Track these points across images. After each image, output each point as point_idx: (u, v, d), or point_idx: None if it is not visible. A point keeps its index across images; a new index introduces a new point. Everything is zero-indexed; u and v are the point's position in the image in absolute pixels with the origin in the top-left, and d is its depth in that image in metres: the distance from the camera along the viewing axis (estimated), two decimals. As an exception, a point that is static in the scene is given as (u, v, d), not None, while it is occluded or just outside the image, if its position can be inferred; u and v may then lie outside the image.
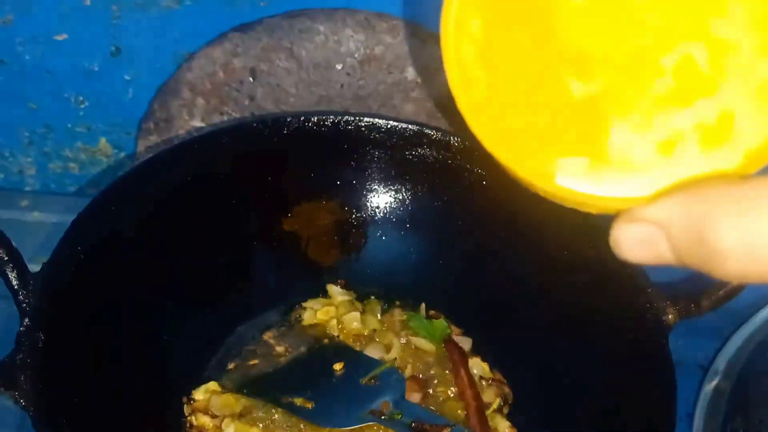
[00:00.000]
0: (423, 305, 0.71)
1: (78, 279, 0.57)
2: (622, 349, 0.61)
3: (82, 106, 0.86)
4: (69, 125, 0.88)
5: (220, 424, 0.61)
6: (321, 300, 0.71)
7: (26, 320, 0.52)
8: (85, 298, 0.57)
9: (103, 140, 0.89)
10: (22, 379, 0.50)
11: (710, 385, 0.93)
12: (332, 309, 0.70)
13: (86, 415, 0.52)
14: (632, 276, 0.63)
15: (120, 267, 0.60)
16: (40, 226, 0.79)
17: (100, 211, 0.60)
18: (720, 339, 0.94)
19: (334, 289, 0.72)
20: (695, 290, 0.61)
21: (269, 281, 0.70)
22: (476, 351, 0.69)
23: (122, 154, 0.90)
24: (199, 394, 0.63)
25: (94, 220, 0.60)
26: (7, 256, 0.53)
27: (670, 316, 0.60)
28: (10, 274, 0.53)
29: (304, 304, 0.70)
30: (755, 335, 0.92)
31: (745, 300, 0.88)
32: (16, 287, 0.53)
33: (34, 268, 0.55)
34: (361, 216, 0.73)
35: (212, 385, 0.63)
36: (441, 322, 0.69)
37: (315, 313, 0.70)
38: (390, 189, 0.73)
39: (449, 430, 0.58)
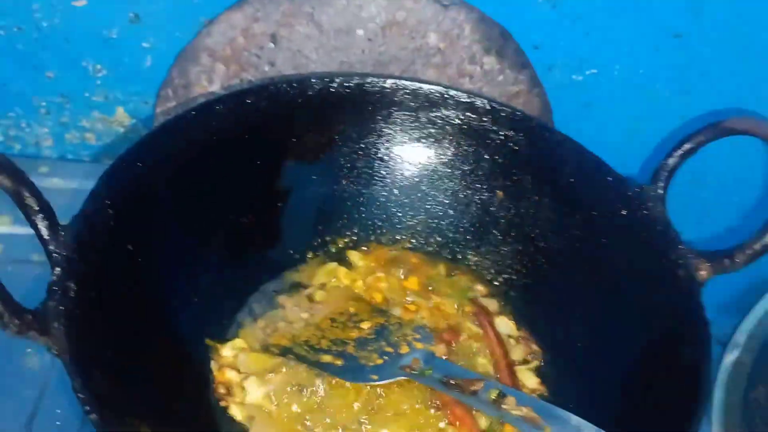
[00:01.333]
0: (442, 265, 0.70)
1: (107, 232, 0.56)
2: (653, 306, 0.61)
3: (99, 75, 0.85)
4: (86, 94, 0.87)
5: (247, 381, 0.60)
6: (345, 264, 0.70)
7: (57, 270, 0.51)
8: (115, 251, 0.57)
9: (120, 110, 0.89)
10: (55, 326, 0.49)
11: (730, 358, 0.93)
12: (357, 272, 0.69)
13: (116, 363, 0.52)
14: (664, 233, 0.62)
15: (148, 221, 0.60)
16: (59, 193, 0.78)
17: (129, 166, 0.60)
18: (739, 315, 0.94)
19: (355, 255, 0.71)
20: (730, 247, 0.61)
21: (291, 240, 0.69)
22: (503, 312, 0.68)
23: (139, 124, 0.89)
24: (227, 350, 0.62)
25: (122, 174, 0.59)
26: (37, 206, 0.52)
27: (703, 272, 0.59)
28: (40, 224, 0.52)
29: (328, 267, 0.69)
30: (774, 308, 0.91)
31: (763, 276, 0.88)
32: (46, 237, 0.52)
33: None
34: (386, 176, 0.72)
35: (239, 342, 0.63)
36: (463, 280, 0.68)
37: (340, 276, 0.69)
38: (414, 150, 0.72)
39: (481, 383, 0.58)
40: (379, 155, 0.72)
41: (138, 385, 0.53)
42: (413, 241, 0.73)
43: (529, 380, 0.64)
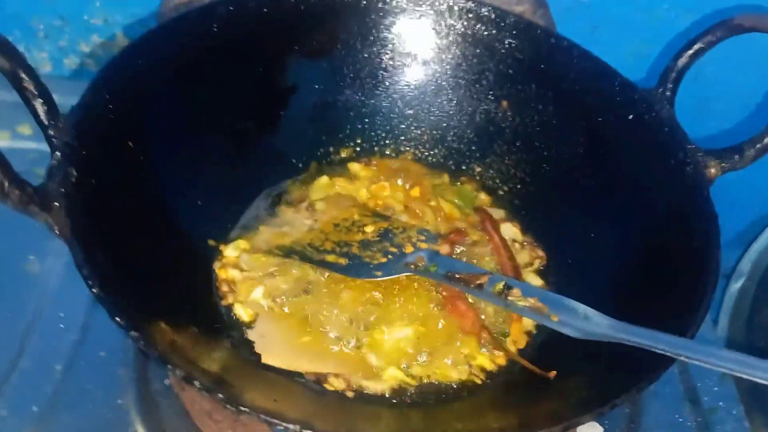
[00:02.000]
0: (446, 175, 0.69)
1: (106, 123, 0.56)
2: (662, 205, 0.60)
3: (98, -4, 0.84)
4: (85, 17, 0.86)
5: (249, 279, 0.59)
6: (347, 176, 0.70)
7: (57, 154, 0.51)
8: (114, 143, 0.56)
9: (120, 34, 0.87)
10: (56, 206, 0.48)
11: (735, 286, 0.93)
12: (360, 182, 0.68)
13: (117, 247, 0.51)
14: (672, 133, 0.62)
15: (148, 117, 0.59)
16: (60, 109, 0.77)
17: (128, 61, 0.59)
18: (741, 247, 0.93)
19: (356, 167, 0.70)
20: (739, 144, 0.60)
21: (294, 148, 0.69)
22: (509, 219, 0.68)
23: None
24: (230, 251, 0.61)
25: (121, 69, 0.58)
26: (36, 90, 0.51)
27: (712, 169, 0.59)
28: (39, 108, 0.51)
29: (321, 181, 0.69)
30: (777, 239, 0.91)
31: (764, 211, 0.88)
32: (45, 122, 0.52)
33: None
34: (390, 86, 0.71)
35: (242, 243, 0.62)
36: (468, 188, 0.67)
37: (343, 185, 0.68)
38: (419, 60, 0.71)
39: (486, 277, 0.57)
40: (383, 65, 0.71)
41: (139, 273, 0.52)
42: (417, 152, 0.72)
43: (534, 281, 0.63)
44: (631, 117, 0.63)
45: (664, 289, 0.55)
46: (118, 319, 0.44)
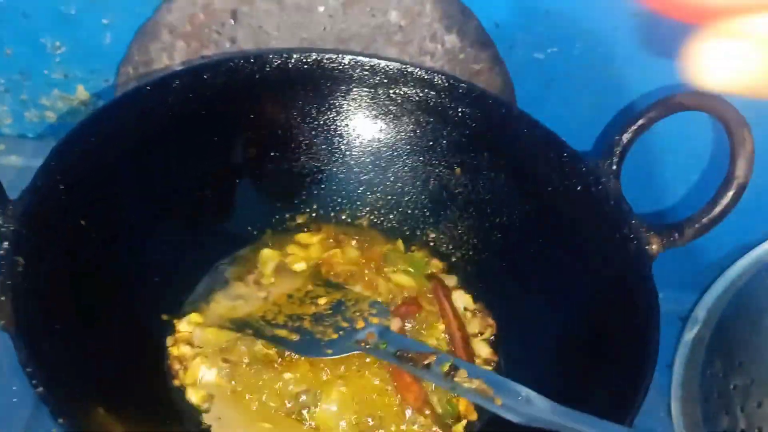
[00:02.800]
0: (400, 241, 0.70)
1: (58, 206, 0.56)
2: (605, 280, 0.62)
3: (58, 52, 0.84)
4: (45, 72, 0.86)
5: (202, 356, 0.60)
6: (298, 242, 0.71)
7: (5, 244, 0.51)
8: (65, 225, 0.57)
9: (80, 87, 0.88)
10: (2, 299, 0.49)
11: (690, 334, 0.94)
12: (311, 250, 0.69)
13: (66, 339, 0.51)
14: (617, 207, 0.63)
15: (101, 196, 0.60)
16: (17, 171, 0.78)
17: (81, 140, 0.59)
18: (699, 291, 0.95)
19: (305, 236, 0.71)
20: (679, 221, 0.61)
21: (249, 217, 0.70)
22: (461, 286, 0.69)
23: (100, 102, 0.88)
24: (183, 326, 0.62)
25: (74, 148, 0.59)
26: (-15, 178, 0.52)
27: (654, 246, 0.60)
28: (-13, 195, 0.52)
29: (282, 248, 0.69)
30: (734, 283, 0.93)
31: (723, 251, 0.90)
32: (-6, 210, 0.52)
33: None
34: (345, 153, 0.72)
35: (195, 317, 0.63)
36: (420, 255, 0.69)
37: (295, 255, 0.69)
38: (374, 127, 0.72)
39: (434, 357, 0.58)
40: (339, 132, 0.72)
41: (90, 362, 0.52)
42: (373, 217, 0.73)
43: (483, 350, 0.65)
44: (578, 188, 0.65)
45: (605, 367, 0.57)
46: (61, 421, 0.45)
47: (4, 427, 0.61)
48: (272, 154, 0.71)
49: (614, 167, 0.64)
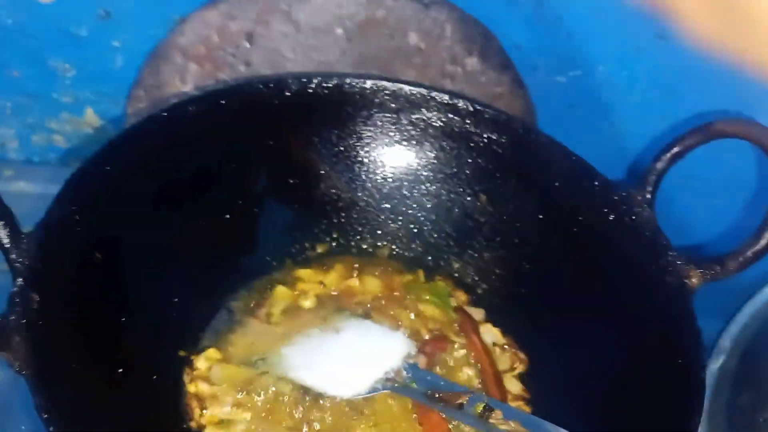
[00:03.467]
0: (421, 271, 0.69)
1: (73, 239, 0.54)
2: (642, 313, 0.59)
3: (68, 75, 0.82)
4: (54, 95, 0.84)
5: (220, 394, 0.58)
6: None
7: (19, 280, 0.49)
8: (81, 259, 0.54)
9: (89, 110, 0.86)
10: (17, 340, 0.46)
11: (716, 364, 0.91)
12: (330, 283, 0.67)
13: (82, 377, 0.49)
14: (653, 239, 0.61)
15: (117, 227, 0.58)
16: (25, 197, 0.75)
17: (96, 170, 0.57)
18: (723, 319, 0.93)
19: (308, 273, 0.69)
20: (721, 254, 0.59)
21: (268, 247, 0.68)
22: (488, 319, 0.66)
23: (109, 125, 0.86)
24: (200, 362, 0.60)
25: (89, 179, 0.57)
26: (-3, 211, 0.49)
27: (693, 279, 0.58)
28: (1, 231, 0.49)
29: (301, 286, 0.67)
30: (761, 312, 0.91)
31: (748, 279, 0.87)
32: (7, 245, 0.50)
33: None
34: (366, 180, 0.70)
35: (212, 352, 0.60)
36: (442, 284, 0.66)
37: (314, 289, 0.67)
38: (395, 153, 0.70)
39: (466, 396, 0.56)
40: (359, 158, 0.70)
41: (107, 402, 0.50)
42: (395, 246, 0.71)
43: (513, 386, 0.62)
44: (611, 218, 0.63)
45: (646, 406, 0.54)
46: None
47: (13, 469, 0.58)
48: (291, 181, 0.69)
49: (648, 196, 0.62)
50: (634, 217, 0.62)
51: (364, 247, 0.71)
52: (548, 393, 0.62)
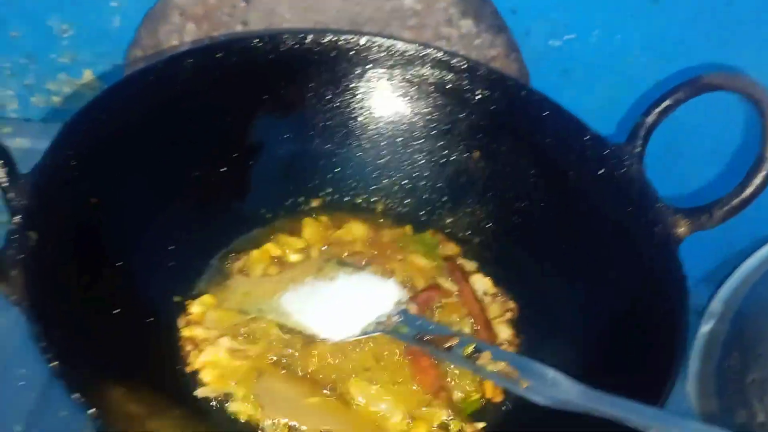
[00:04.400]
0: (409, 226, 0.70)
1: (69, 183, 0.55)
2: (631, 263, 0.60)
3: (65, 35, 0.83)
4: (52, 55, 0.85)
5: (215, 338, 0.58)
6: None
7: (17, 217, 0.50)
8: (76, 202, 0.55)
9: (87, 72, 0.86)
10: (13, 273, 0.47)
11: (706, 328, 0.92)
12: (320, 235, 0.68)
13: (77, 316, 0.50)
14: (642, 191, 0.62)
15: (112, 174, 0.58)
16: (24, 153, 0.75)
17: (92, 117, 0.58)
18: (714, 285, 0.94)
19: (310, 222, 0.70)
20: (708, 204, 0.60)
21: (262, 200, 0.69)
22: (480, 270, 0.67)
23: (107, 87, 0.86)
24: (195, 307, 0.60)
25: (84, 124, 0.57)
26: (-5, 150, 0.50)
27: (681, 229, 0.59)
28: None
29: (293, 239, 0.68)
30: (750, 277, 0.92)
31: (739, 244, 0.88)
32: (5, 185, 0.51)
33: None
34: (360, 136, 0.71)
35: (207, 298, 0.61)
36: (430, 236, 0.67)
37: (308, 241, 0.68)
38: (389, 110, 0.71)
39: (456, 339, 0.57)
40: (354, 114, 0.71)
41: (100, 338, 0.51)
42: (388, 201, 0.72)
43: (504, 332, 0.64)
44: (601, 172, 0.64)
45: (633, 351, 0.56)
46: (75, 396, 0.43)
47: (11, 410, 0.59)
48: (286, 136, 0.69)
49: (638, 150, 0.63)
50: (623, 171, 0.63)
51: (358, 201, 0.72)
52: (538, 338, 0.63)
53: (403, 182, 0.72)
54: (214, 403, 0.57)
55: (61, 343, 0.46)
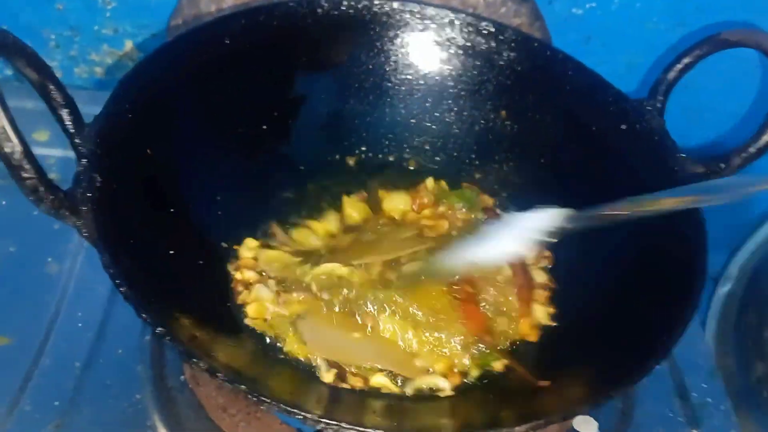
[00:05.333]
0: (442, 182, 0.73)
1: (127, 133, 0.58)
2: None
3: (109, 7, 0.86)
4: (96, 27, 0.88)
5: (262, 280, 0.62)
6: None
7: (83, 161, 0.53)
8: (135, 151, 0.59)
9: (129, 43, 0.90)
10: (84, 210, 0.51)
11: (723, 290, 0.96)
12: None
13: (141, 250, 0.54)
14: (662, 143, 0.65)
15: (166, 126, 0.62)
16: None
17: (146, 73, 0.61)
18: (729, 251, 0.97)
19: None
20: (725, 152, 0.63)
21: (304, 155, 0.72)
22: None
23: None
24: (244, 251, 0.64)
25: (138, 80, 0.61)
26: (62, 99, 0.54)
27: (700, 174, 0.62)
28: (65, 116, 0.54)
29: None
30: (764, 243, 0.95)
31: (754, 211, 0.91)
32: (71, 130, 0.54)
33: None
34: (393, 96, 0.74)
35: (251, 242, 0.65)
36: (468, 191, 0.71)
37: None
38: (420, 72, 0.74)
39: None
40: (387, 75, 0.74)
41: (161, 272, 0.55)
42: (420, 159, 0.75)
43: (540, 277, 0.68)
44: (623, 127, 0.67)
45: (657, 291, 0.59)
46: (144, 315, 0.47)
47: (70, 350, 0.63)
48: (323, 96, 0.73)
49: (659, 105, 0.66)
50: (644, 124, 0.66)
51: (391, 159, 0.76)
52: (569, 282, 0.66)
53: (433, 140, 0.75)
54: (268, 339, 0.60)
55: (128, 272, 0.50)
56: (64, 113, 0.54)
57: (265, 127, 0.70)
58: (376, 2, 0.72)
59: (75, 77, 0.92)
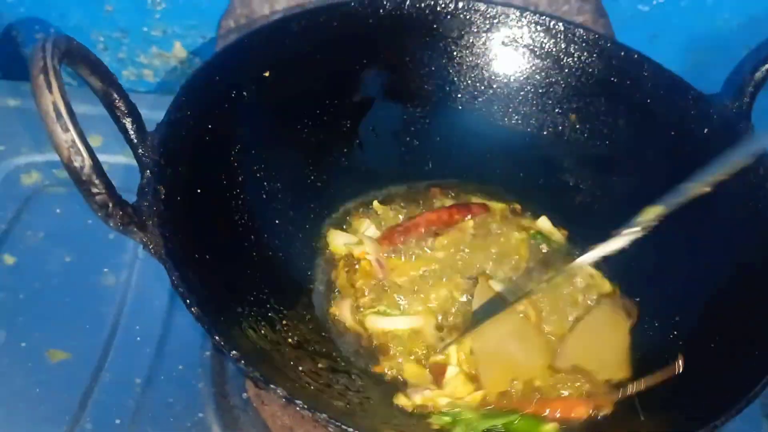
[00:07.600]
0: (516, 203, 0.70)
1: (190, 139, 0.56)
2: (738, 220, 0.60)
3: (159, 9, 0.85)
4: (144, 29, 0.87)
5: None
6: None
7: (147, 172, 0.51)
8: (199, 158, 0.56)
9: (177, 44, 0.88)
10: (150, 225, 0.49)
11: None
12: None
13: (209, 264, 0.52)
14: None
15: (228, 129, 0.60)
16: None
17: (206, 77, 0.60)
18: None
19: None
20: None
21: (373, 157, 0.70)
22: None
23: (196, 59, 0.88)
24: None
25: (199, 85, 0.59)
26: (126, 108, 0.52)
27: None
28: (129, 126, 0.52)
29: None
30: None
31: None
32: (135, 140, 0.52)
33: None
34: (453, 99, 0.72)
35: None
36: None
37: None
38: (484, 74, 0.71)
39: None
40: (450, 78, 0.71)
41: (230, 285, 0.52)
42: (481, 167, 0.72)
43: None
44: (705, 131, 0.63)
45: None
46: (218, 338, 0.45)
47: (129, 366, 0.61)
48: (384, 99, 0.70)
49: (744, 108, 0.62)
50: (730, 129, 0.62)
51: (452, 168, 0.72)
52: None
53: (498, 146, 0.72)
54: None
55: (197, 289, 0.47)
56: (128, 122, 0.52)
57: (328, 128, 0.67)
58: (439, 1, 0.68)
59: (123, 80, 0.90)
